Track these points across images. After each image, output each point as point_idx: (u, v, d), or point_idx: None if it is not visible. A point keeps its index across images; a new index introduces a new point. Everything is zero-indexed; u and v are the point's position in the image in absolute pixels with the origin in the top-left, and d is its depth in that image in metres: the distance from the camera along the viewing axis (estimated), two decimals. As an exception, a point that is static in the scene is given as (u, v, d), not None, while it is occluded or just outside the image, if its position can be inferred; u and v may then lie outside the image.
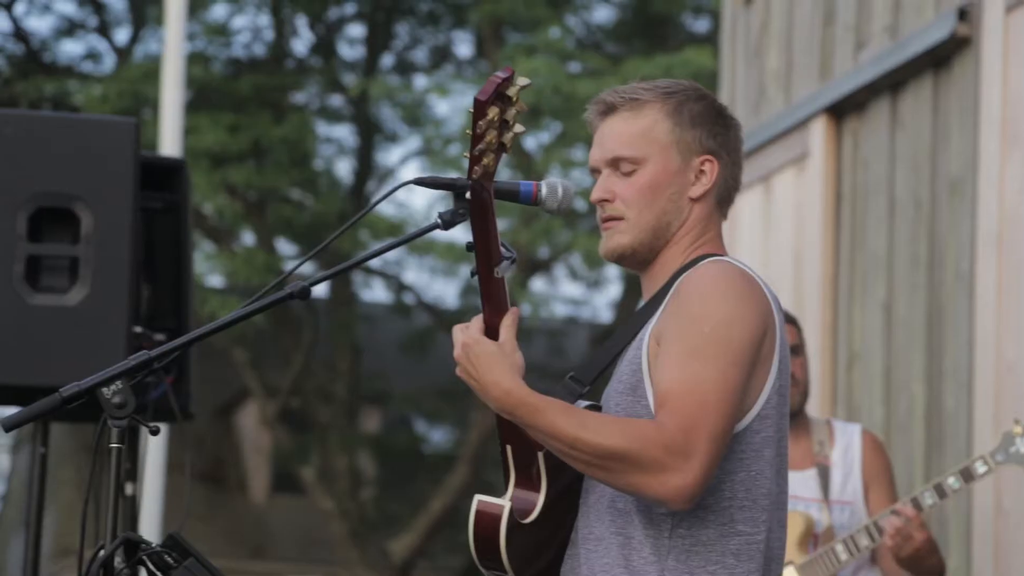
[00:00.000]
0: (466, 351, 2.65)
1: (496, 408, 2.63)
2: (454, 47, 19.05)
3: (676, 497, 2.56)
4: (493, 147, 2.57)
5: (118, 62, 17.57)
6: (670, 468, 2.54)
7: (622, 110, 2.78)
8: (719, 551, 2.64)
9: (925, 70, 6.02)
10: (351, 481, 18.50)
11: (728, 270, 2.69)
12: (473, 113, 2.56)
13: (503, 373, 2.61)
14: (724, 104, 2.85)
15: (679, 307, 2.66)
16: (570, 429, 2.57)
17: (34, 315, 4.35)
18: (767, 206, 7.05)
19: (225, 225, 17.28)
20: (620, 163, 2.77)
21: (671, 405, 2.57)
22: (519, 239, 15.71)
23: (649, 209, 2.75)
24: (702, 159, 2.77)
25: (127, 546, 2.55)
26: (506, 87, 2.56)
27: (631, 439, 2.55)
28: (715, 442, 2.57)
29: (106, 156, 4.45)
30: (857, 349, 6.29)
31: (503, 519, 2.63)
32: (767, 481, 2.68)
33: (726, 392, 2.59)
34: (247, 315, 2.71)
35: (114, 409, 2.61)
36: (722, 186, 2.80)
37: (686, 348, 2.60)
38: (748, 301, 2.66)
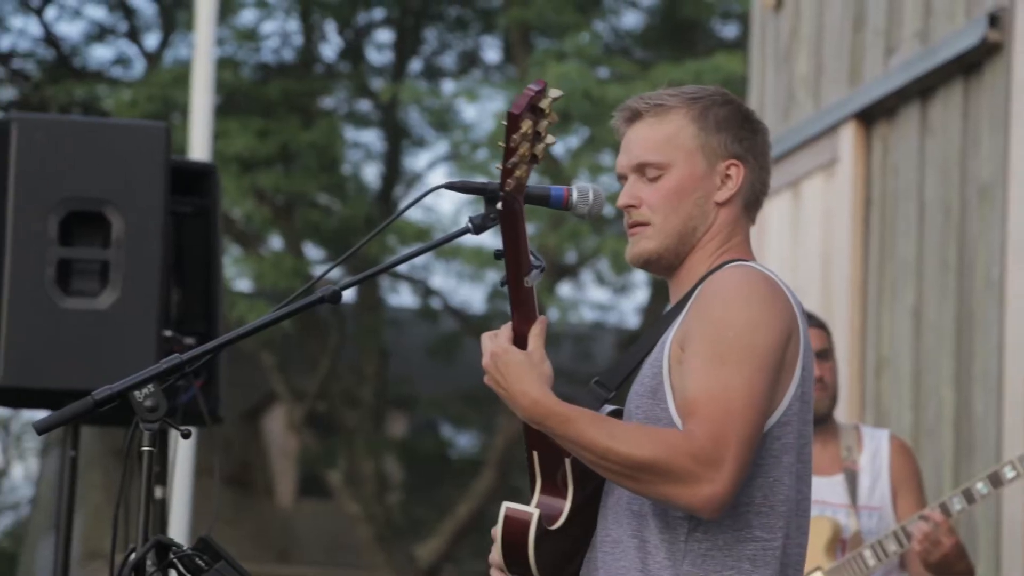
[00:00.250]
0: (495, 360, 2.65)
1: (525, 418, 2.64)
2: (482, 52, 19.08)
3: (707, 506, 2.57)
4: (526, 159, 2.59)
5: (147, 67, 17.64)
6: (700, 478, 2.55)
7: (647, 116, 2.78)
8: (735, 556, 2.64)
9: (955, 76, 6.00)
10: (377, 485, 18.52)
11: (751, 275, 2.69)
12: (507, 126, 2.57)
13: (531, 383, 2.62)
14: (751, 109, 2.85)
15: (702, 312, 2.66)
16: (600, 440, 2.57)
17: (65, 319, 4.37)
18: (796, 212, 7.04)
19: (253, 229, 17.33)
20: (646, 169, 2.77)
21: (699, 414, 2.57)
22: (547, 243, 15.71)
23: (675, 214, 2.75)
24: (728, 163, 2.77)
25: (158, 549, 2.56)
26: (539, 99, 2.57)
27: (661, 449, 2.55)
28: (744, 449, 2.57)
29: (137, 160, 4.47)
30: (886, 354, 6.28)
31: (532, 526, 2.64)
32: (786, 487, 2.68)
33: (752, 398, 2.59)
34: (278, 319, 2.72)
35: (146, 412, 2.62)
36: (748, 191, 2.79)
37: (711, 354, 2.61)
38: (771, 306, 2.65)
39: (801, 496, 2.71)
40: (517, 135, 2.56)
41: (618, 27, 17.58)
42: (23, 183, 4.42)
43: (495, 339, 2.68)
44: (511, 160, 2.58)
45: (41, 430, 2.66)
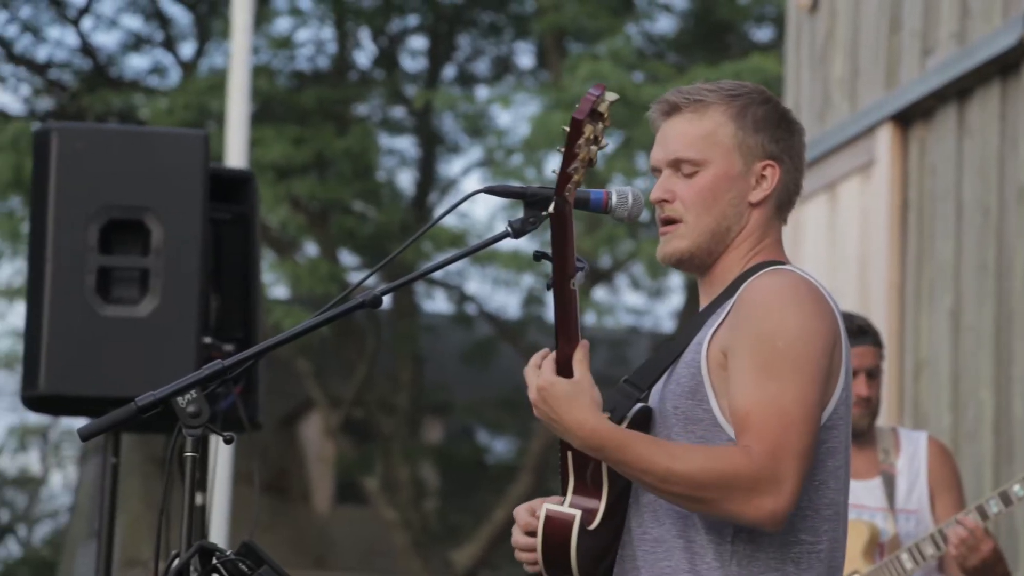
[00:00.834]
0: (542, 395, 2.64)
1: (581, 447, 2.63)
2: (515, 58, 19.09)
3: (770, 521, 2.58)
4: (585, 163, 2.60)
5: (183, 76, 17.72)
6: (762, 493, 2.55)
7: (686, 111, 2.77)
8: (779, 558, 2.64)
9: (992, 77, 5.98)
10: (414, 491, 18.54)
11: (793, 280, 2.68)
12: (569, 132, 2.57)
13: (583, 411, 2.61)
14: (788, 108, 2.83)
15: (746, 321, 2.65)
16: (661, 462, 2.57)
17: (105, 326, 4.39)
18: (833, 214, 7.02)
19: (289, 236, 17.38)
20: (682, 164, 2.75)
21: (755, 429, 2.57)
22: (582, 246, 15.71)
23: (708, 213, 2.74)
24: (764, 164, 2.75)
25: (201, 554, 2.57)
26: (598, 104, 2.58)
27: (721, 467, 2.56)
28: (802, 461, 2.58)
29: (176, 168, 4.49)
30: (924, 356, 6.25)
31: (575, 527, 2.64)
32: (830, 491, 2.68)
33: (806, 408, 2.58)
34: (319, 324, 2.73)
35: (188, 418, 2.64)
36: (783, 192, 2.77)
37: (761, 366, 2.60)
38: (816, 313, 2.65)
39: (843, 500, 2.71)
40: (580, 140, 2.57)
41: (651, 32, 17.56)
42: (63, 192, 4.45)
43: (539, 372, 2.66)
44: (572, 165, 2.59)
45: (85, 436, 2.67)
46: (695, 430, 2.67)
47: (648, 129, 2.79)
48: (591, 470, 2.69)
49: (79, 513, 24.94)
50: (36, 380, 4.39)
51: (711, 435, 2.66)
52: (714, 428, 2.66)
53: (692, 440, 2.67)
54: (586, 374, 2.65)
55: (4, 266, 29.59)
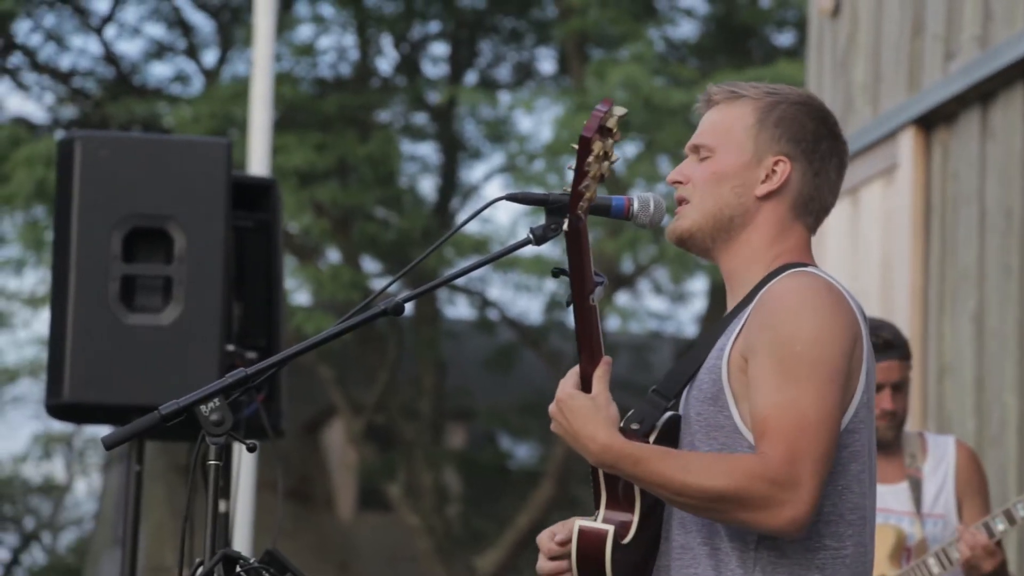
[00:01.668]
0: (560, 407, 2.66)
1: (595, 462, 2.64)
2: (537, 64, 19.10)
3: (789, 528, 2.57)
4: (597, 180, 2.60)
5: (206, 84, 17.77)
6: (780, 501, 2.54)
7: (721, 103, 2.80)
8: (804, 565, 2.63)
9: (1015, 80, 5.96)
10: (437, 497, 18.55)
11: (813, 283, 2.67)
12: (579, 149, 2.58)
13: (598, 427, 2.62)
14: (834, 120, 2.78)
15: (766, 324, 2.64)
16: (676, 475, 2.57)
17: (129, 334, 4.41)
18: (855, 218, 7.00)
19: (311, 243, 17.41)
20: (699, 149, 2.79)
21: (772, 434, 2.56)
22: (605, 250, 15.69)
23: (711, 196, 2.75)
24: (775, 159, 2.75)
25: (225, 562, 2.57)
26: (606, 119, 2.59)
27: (737, 478, 2.55)
28: (820, 465, 2.56)
29: (199, 176, 4.51)
30: (948, 361, 6.24)
31: (608, 542, 2.64)
32: (854, 495, 2.67)
33: (824, 412, 2.57)
34: (341, 332, 2.74)
35: (212, 426, 2.64)
36: (797, 193, 2.76)
37: (779, 370, 2.59)
38: (836, 315, 2.64)
39: (868, 503, 2.70)
40: (590, 158, 2.57)
41: (672, 37, 17.55)
42: (87, 200, 4.47)
43: (560, 386, 2.68)
44: (583, 183, 2.59)
45: (109, 445, 2.68)
46: (717, 436, 2.67)
47: (671, 134, 2.80)
48: (623, 484, 2.70)
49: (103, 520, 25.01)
50: (60, 388, 4.41)
51: (732, 441, 2.66)
52: (735, 435, 2.66)
53: (714, 446, 2.67)
54: (603, 391, 2.66)
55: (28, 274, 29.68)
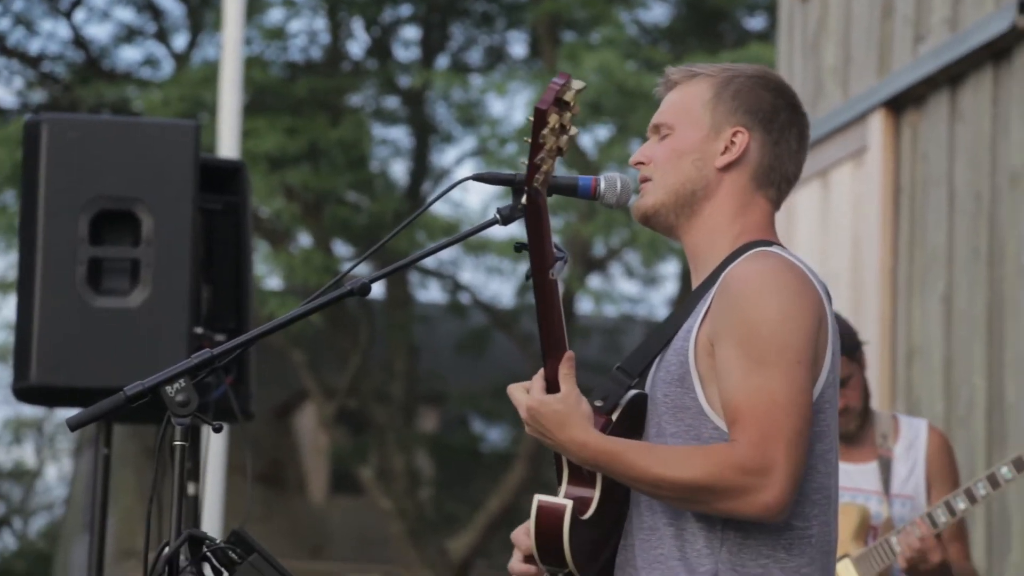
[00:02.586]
0: (533, 414, 2.67)
1: (576, 461, 2.65)
2: (509, 48, 19.08)
3: (766, 513, 2.57)
4: (552, 153, 2.60)
5: (176, 67, 17.70)
6: (755, 488, 2.55)
7: (680, 83, 2.82)
8: (770, 545, 2.64)
9: (985, 62, 5.98)
10: (409, 481, 18.55)
11: (775, 265, 2.67)
12: (534, 122, 2.58)
13: (574, 427, 2.63)
14: (792, 93, 2.79)
15: (730, 309, 2.64)
16: (651, 469, 2.59)
17: (96, 317, 4.38)
18: (825, 200, 7.01)
19: (282, 227, 17.38)
20: (660, 128, 2.80)
21: (743, 422, 2.57)
22: (580, 233, 15.70)
23: (672, 173, 2.76)
24: (733, 130, 2.76)
25: (191, 543, 2.56)
26: (563, 92, 2.58)
27: (711, 468, 2.56)
28: (793, 447, 2.57)
29: (167, 159, 4.48)
30: (917, 343, 6.26)
31: (566, 517, 2.64)
32: (819, 475, 2.67)
33: (794, 394, 2.58)
34: (307, 313, 2.72)
35: (177, 407, 2.63)
36: (757, 163, 2.76)
37: (746, 356, 2.60)
38: (800, 297, 2.64)
39: (833, 483, 2.71)
40: (545, 130, 2.57)
41: (644, 21, 17.55)
42: (53, 183, 4.44)
43: (528, 392, 2.69)
44: (539, 156, 2.59)
45: (74, 426, 2.67)
46: (683, 418, 2.68)
47: (643, 117, 2.81)
48: None
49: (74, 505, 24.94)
50: (27, 372, 4.38)
51: (698, 423, 2.66)
52: (700, 416, 2.66)
53: (681, 428, 2.68)
54: (572, 389, 2.66)
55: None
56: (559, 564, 2.67)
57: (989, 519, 5.67)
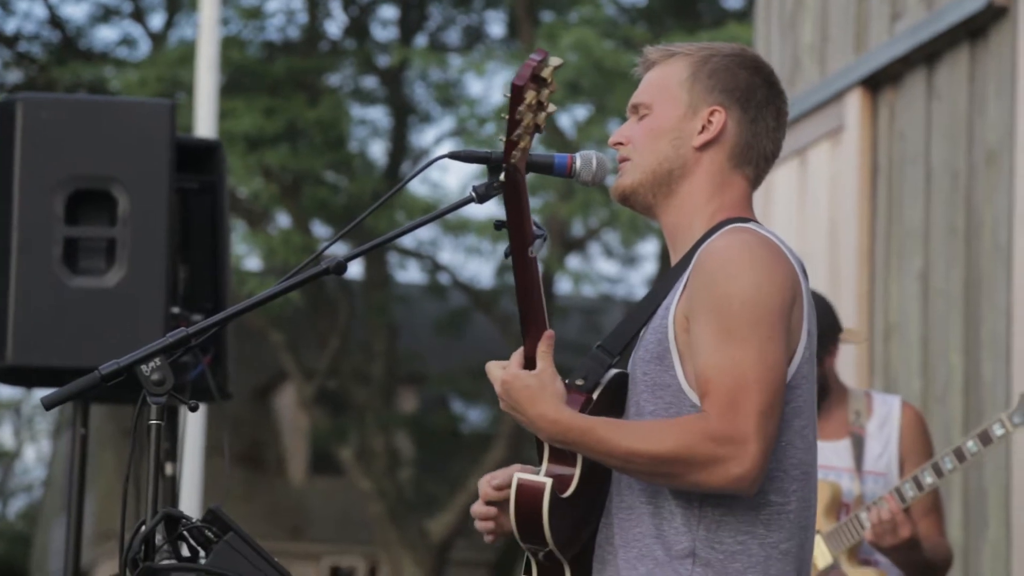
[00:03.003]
0: (506, 388, 2.67)
1: (547, 438, 2.65)
2: (487, 27, 19.05)
3: (738, 484, 2.57)
4: (530, 130, 2.59)
5: (152, 48, 17.64)
6: (725, 458, 2.55)
7: (658, 63, 2.82)
8: (749, 521, 2.64)
9: (961, 40, 5.98)
10: (389, 461, 18.56)
11: (748, 240, 2.67)
12: (510, 98, 2.57)
13: (546, 404, 2.63)
14: (770, 71, 2.79)
15: (703, 286, 2.65)
16: (622, 443, 2.58)
17: (72, 297, 4.37)
18: (803, 179, 7.02)
19: (261, 208, 17.34)
20: (638, 108, 2.81)
21: (713, 394, 2.58)
22: (559, 213, 15.70)
23: (650, 152, 2.76)
24: (710, 109, 2.76)
25: (168, 521, 2.56)
26: (540, 69, 2.58)
27: (682, 439, 2.56)
28: (765, 419, 2.57)
29: (142, 138, 4.47)
30: (894, 320, 6.27)
31: (546, 495, 2.64)
32: (797, 451, 2.68)
33: (766, 369, 2.58)
34: (282, 291, 2.72)
35: (153, 386, 2.62)
36: (735, 142, 2.76)
37: (719, 330, 2.60)
38: (773, 271, 2.64)
39: (811, 458, 2.71)
40: (522, 107, 2.56)
41: (621, 1, 17.53)
42: (29, 162, 4.42)
43: (505, 367, 2.69)
44: (516, 132, 2.58)
45: (49, 405, 2.66)
46: (663, 396, 2.68)
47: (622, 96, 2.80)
48: None
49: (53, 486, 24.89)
50: (3, 352, 4.37)
51: (678, 400, 2.67)
52: (679, 394, 2.66)
53: (660, 406, 2.68)
54: (548, 366, 2.66)
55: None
56: (539, 542, 2.67)
57: (966, 495, 5.69)
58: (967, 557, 5.65)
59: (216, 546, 2.51)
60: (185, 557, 2.55)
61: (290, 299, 16.03)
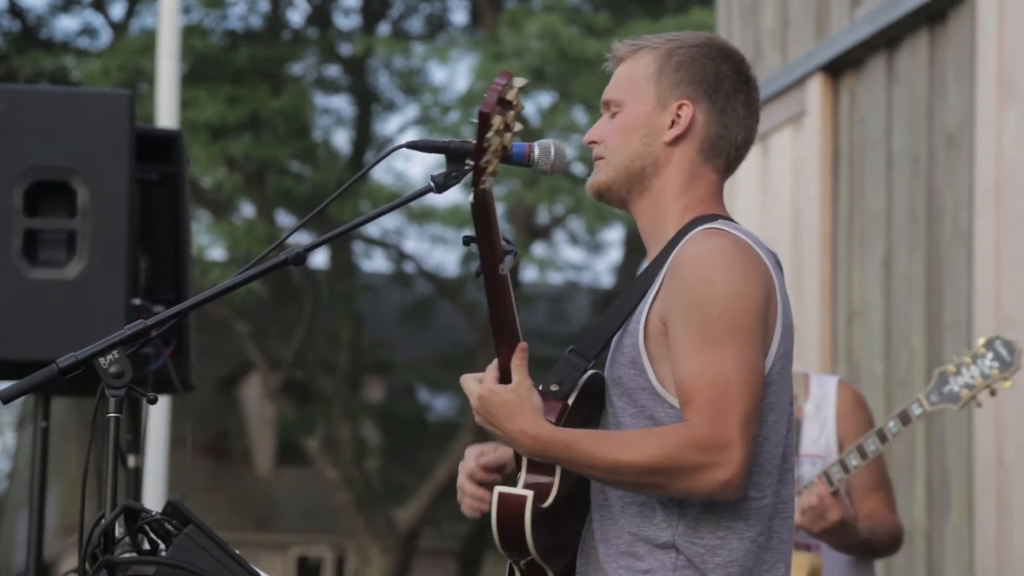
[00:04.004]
0: (484, 403, 2.65)
1: (527, 453, 2.64)
2: (450, 15, 19.01)
3: (724, 490, 2.59)
4: (498, 154, 2.57)
5: (114, 37, 17.54)
6: (710, 465, 2.56)
7: (627, 58, 2.81)
8: (728, 516, 2.66)
9: (921, 25, 6.00)
10: (356, 451, 18.54)
11: (722, 244, 2.67)
12: (478, 125, 2.55)
13: (525, 419, 2.62)
14: (740, 60, 2.79)
15: (681, 291, 2.65)
16: (606, 455, 2.58)
17: (32, 289, 4.34)
18: (765, 165, 7.04)
19: (225, 197, 17.28)
20: (609, 105, 2.81)
21: (695, 401, 2.58)
22: (524, 200, 15.69)
23: (622, 149, 2.76)
24: (678, 103, 2.76)
25: (127, 514, 2.55)
26: (506, 92, 2.56)
27: (666, 448, 2.57)
28: (746, 425, 2.58)
29: (102, 129, 4.44)
30: (857, 305, 6.29)
31: (527, 507, 2.63)
32: (771, 445, 2.69)
33: (745, 373, 2.59)
34: (242, 282, 2.71)
35: (111, 378, 2.60)
36: (704, 134, 2.76)
37: (697, 336, 2.60)
38: (749, 275, 2.65)
39: (785, 452, 2.72)
40: (490, 133, 2.55)
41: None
42: (-13, 154, 4.39)
43: (481, 382, 2.67)
44: (484, 158, 2.56)
45: (6, 399, 2.64)
46: (638, 399, 2.68)
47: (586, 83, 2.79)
48: None
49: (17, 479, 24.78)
50: (-37, 345, 4.34)
51: (653, 403, 2.67)
52: (654, 396, 2.67)
53: (635, 409, 2.68)
54: (524, 380, 2.65)
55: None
56: (522, 553, 2.67)
57: (929, 479, 5.72)
58: (930, 540, 5.68)
59: (176, 539, 2.50)
60: (145, 550, 2.54)
61: (255, 289, 15.99)
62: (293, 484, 21.65)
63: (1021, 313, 5.26)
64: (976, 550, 5.34)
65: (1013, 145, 5.37)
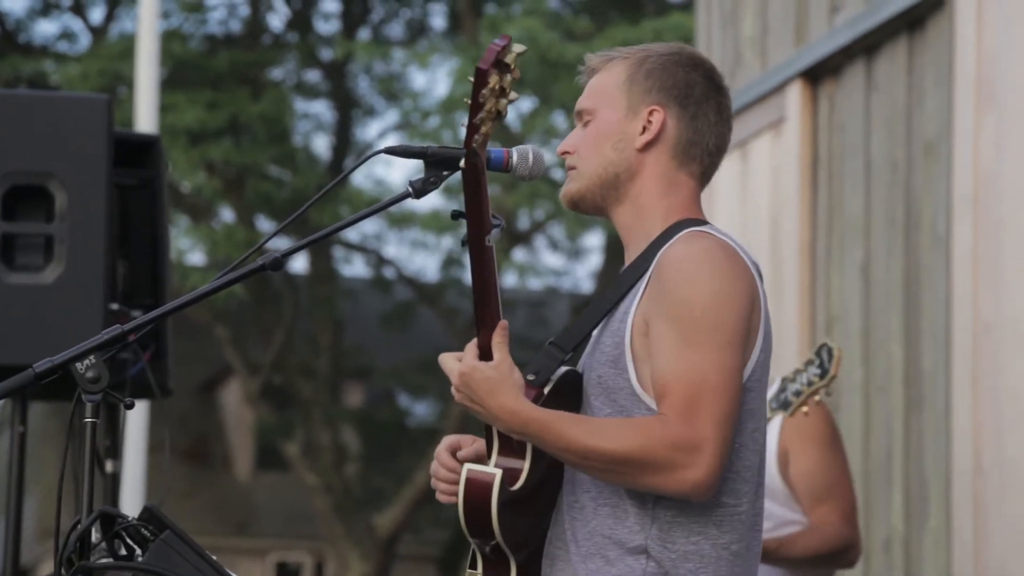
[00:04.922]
0: (465, 380, 2.64)
1: (506, 429, 2.63)
2: (430, 20, 19.02)
3: (694, 491, 2.58)
4: (492, 115, 2.57)
5: (93, 41, 17.51)
6: (682, 464, 2.56)
7: (599, 69, 2.83)
8: (702, 522, 2.65)
9: (900, 32, 6.02)
10: (335, 456, 18.52)
11: (709, 247, 2.67)
12: (474, 82, 2.55)
13: (505, 395, 2.62)
14: (711, 68, 2.80)
15: (664, 292, 2.65)
16: (580, 439, 2.58)
17: (9, 294, 4.33)
18: (744, 172, 7.05)
19: (204, 202, 17.26)
20: (582, 115, 2.82)
21: (671, 399, 2.58)
22: (504, 205, 15.69)
23: (595, 158, 2.77)
24: (649, 109, 2.77)
25: (104, 520, 2.54)
26: (504, 54, 2.56)
27: (640, 441, 2.56)
28: (722, 427, 2.58)
29: (79, 133, 4.43)
30: (835, 312, 6.31)
31: (495, 487, 2.62)
32: (749, 453, 2.69)
33: (724, 375, 2.59)
34: (220, 287, 2.70)
35: (88, 383, 2.60)
36: (676, 140, 2.77)
37: (678, 336, 2.60)
38: (733, 279, 2.65)
39: (759, 460, 2.72)
40: (486, 90, 2.54)
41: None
42: (-36, 158, 4.38)
43: (461, 360, 2.66)
44: (479, 116, 2.56)
45: (-18, 404, 2.64)
46: (616, 399, 2.68)
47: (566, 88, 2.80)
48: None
49: (-4, 485, 24.69)
50: (-60, 349, 4.32)
51: (631, 403, 2.67)
52: (632, 397, 2.67)
53: (613, 409, 2.68)
54: (505, 358, 2.65)
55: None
56: (486, 536, 2.65)
57: (907, 486, 5.73)
58: (908, 547, 5.69)
59: (152, 544, 2.49)
60: (121, 556, 2.54)
61: (235, 293, 15.98)
62: (272, 489, 21.62)
63: (998, 319, 5.27)
64: (954, 557, 5.35)
65: (991, 152, 5.38)
